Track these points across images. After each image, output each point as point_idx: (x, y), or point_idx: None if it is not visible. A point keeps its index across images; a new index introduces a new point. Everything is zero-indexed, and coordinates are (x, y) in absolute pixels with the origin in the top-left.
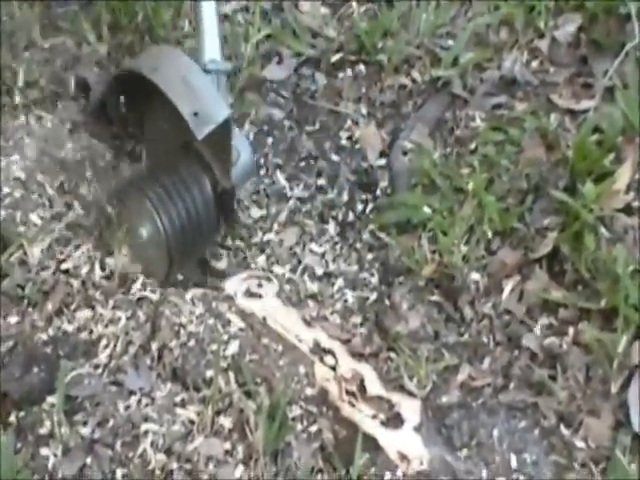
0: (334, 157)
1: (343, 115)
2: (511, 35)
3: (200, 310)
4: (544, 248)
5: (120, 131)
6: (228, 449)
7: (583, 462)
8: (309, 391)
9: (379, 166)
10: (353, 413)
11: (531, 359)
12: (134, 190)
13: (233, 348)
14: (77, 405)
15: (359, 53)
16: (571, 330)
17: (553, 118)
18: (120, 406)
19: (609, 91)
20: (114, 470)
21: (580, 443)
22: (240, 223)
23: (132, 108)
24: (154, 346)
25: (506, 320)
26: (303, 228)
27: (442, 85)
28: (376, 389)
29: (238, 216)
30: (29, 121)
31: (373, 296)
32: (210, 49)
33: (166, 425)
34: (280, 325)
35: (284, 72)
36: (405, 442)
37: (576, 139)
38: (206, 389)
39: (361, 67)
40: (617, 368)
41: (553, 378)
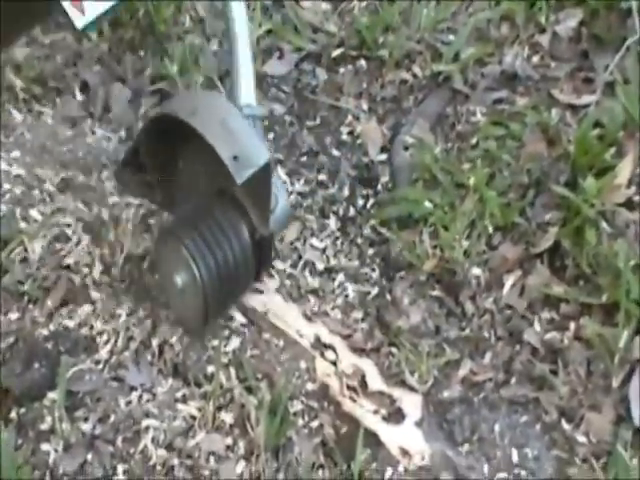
0: (335, 152)
1: (344, 110)
2: (512, 30)
3: None
4: (545, 243)
5: (152, 178)
6: (229, 445)
7: (584, 457)
8: (310, 386)
9: (380, 161)
10: (354, 408)
11: (532, 354)
12: (169, 237)
13: (234, 343)
14: (78, 401)
15: (360, 48)
16: (572, 325)
17: (554, 113)
18: (121, 402)
19: (610, 86)
20: (115, 466)
21: (581, 438)
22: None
23: (165, 154)
24: (155, 342)
25: (507, 315)
26: (304, 223)
27: (443, 80)
28: (377, 384)
29: (273, 263)
30: (30, 117)
31: (374, 291)
32: (245, 94)
33: (167, 421)
34: (281, 320)
35: (285, 67)
36: (406, 437)
37: (577, 134)
38: (207, 385)
39: (362, 62)
40: (618, 363)
41: (554, 373)
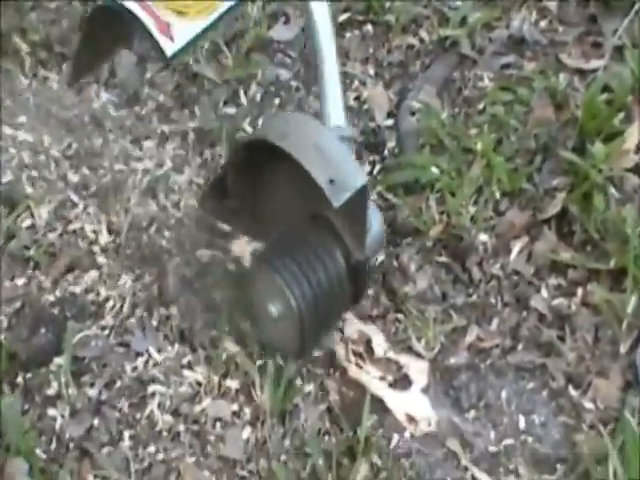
0: None
1: (350, 75)
2: None
3: (207, 271)
4: (553, 209)
5: (239, 204)
6: (235, 411)
7: (592, 423)
8: (316, 353)
9: (387, 126)
10: (360, 375)
11: (539, 320)
12: (262, 265)
13: None
14: (84, 366)
15: (366, 13)
16: (580, 291)
17: (562, 78)
18: (127, 367)
19: (618, 50)
20: (121, 431)
21: (589, 404)
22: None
23: (253, 179)
24: (161, 308)
25: (514, 281)
26: None
27: (450, 45)
28: (383, 351)
29: (367, 289)
30: (35, 82)
31: (380, 257)
32: (334, 115)
33: (173, 387)
34: None
35: (291, 32)
36: (413, 404)
37: (585, 98)
38: (213, 351)
39: (369, 27)
40: (626, 329)
41: (562, 339)
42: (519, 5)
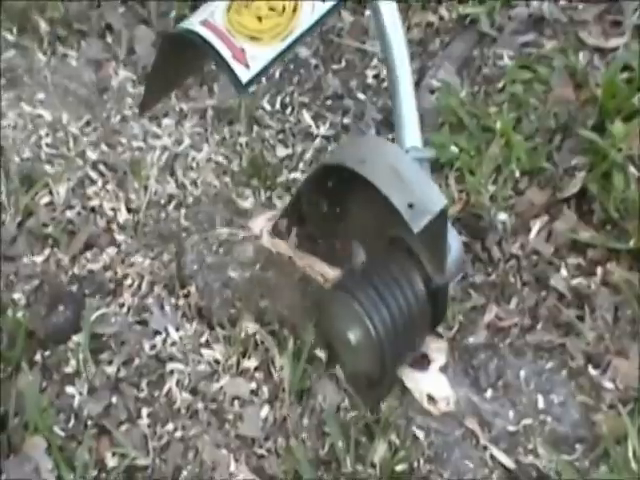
0: (360, 96)
1: (369, 53)
2: None
3: (226, 248)
4: (572, 188)
5: (314, 230)
6: (253, 389)
7: (611, 403)
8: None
9: None
10: None
11: (559, 299)
12: (341, 292)
13: None
14: (102, 344)
15: None
16: (599, 270)
17: (582, 56)
18: (145, 345)
19: (638, 29)
20: (139, 409)
21: (608, 384)
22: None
23: (329, 204)
24: (179, 285)
25: (534, 260)
26: None
27: (470, 23)
28: None
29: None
30: (54, 59)
31: None
32: (410, 136)
33: (191, 365)
34: (305, 264)
35: None
36: (431, 383)
37: (605, 77)
38: (231, 329)
39: None
40: None
41: (581, 319)
42: None
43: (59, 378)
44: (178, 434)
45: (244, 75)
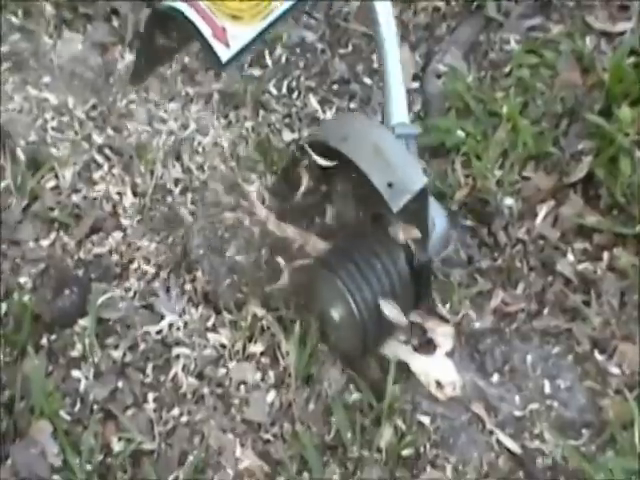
0: (367, 80)
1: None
2: None
3: (232, 233)
4: (579, 173)
5: (306, 203)
6: (260, 374)
7: (617, 388)
8: None
9: (412, 89)
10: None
11: (565, 284)
12: (324, 269)
13: None
14: (109, 328)
15: None
16: (606, 255)
17: (589, 40)
18: (151, 330)
19: None
20: (145, 394)
21: (614, 369)
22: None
23: (317, 180)
24: (185, 270)
25: (540, 245)
26: None
27: (476, 7)
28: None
29: (432, 290)
30: (60, 43)
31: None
32: (397, 112)
33: (198, 349)
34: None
35: None
36: (438, 368)
37: (612, 62)
38: (238, 313)
39: None
40: None
41: (587, 304)
42: None
43: (65, 362)
44: (184, 419)
45: (224, 54)
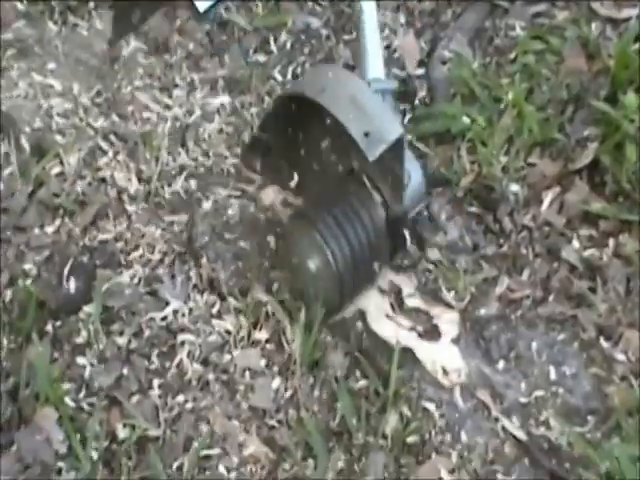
0: None
1: (381, 24)
2: None
3: (237, 219)
4: (584, 159)
5: (280, 161)
6: (265, 360)
7: (623, 375)
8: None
9: (417, 76)
10: (390, 325)
11: (571, 271)
12: (301, 221)
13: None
14: (113, 315)
15: None
16: (611, 242)
17: (594, 27)
18: (156, 316)
19: None
20: (150, 380)
21: (620, 356)
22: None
23: (293, 134)
24: (190, 256)
25: (546, 232)
26: None
27: None
28: (414, 301)
29: (407, 243)
30: (65, 29)
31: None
32: (373, 67)
33: (202, 336)
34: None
35: None
36: (443, 354)
37: (617, 48)
38: (242, 300)
39: None
40: None
41: (593, 290)
42: None
43: (70, 349)
44: (189, 405)
45: (201, 5)
